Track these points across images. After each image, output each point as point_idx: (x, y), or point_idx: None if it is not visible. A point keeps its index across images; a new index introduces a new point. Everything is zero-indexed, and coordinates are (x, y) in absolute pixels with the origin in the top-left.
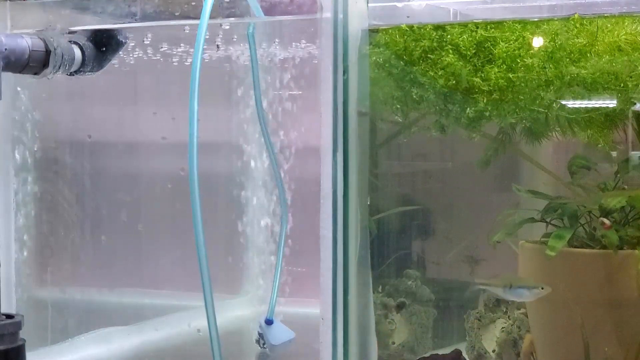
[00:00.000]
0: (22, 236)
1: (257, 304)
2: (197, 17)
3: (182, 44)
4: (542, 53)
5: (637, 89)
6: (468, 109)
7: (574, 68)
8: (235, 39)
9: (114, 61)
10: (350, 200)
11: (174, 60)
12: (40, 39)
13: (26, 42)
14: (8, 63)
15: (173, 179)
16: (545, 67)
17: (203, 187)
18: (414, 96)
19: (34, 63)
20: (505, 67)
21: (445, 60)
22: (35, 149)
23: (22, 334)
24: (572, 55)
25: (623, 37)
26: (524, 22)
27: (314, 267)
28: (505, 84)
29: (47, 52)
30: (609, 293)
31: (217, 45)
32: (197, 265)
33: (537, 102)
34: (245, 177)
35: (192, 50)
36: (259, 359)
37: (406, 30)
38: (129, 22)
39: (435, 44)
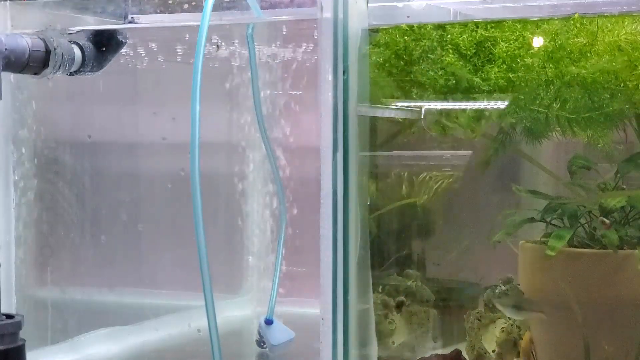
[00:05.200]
0: (22, 236)
1: (257, 304)
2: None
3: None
4: (542, 53)
5: (637, 88)
6: (468, 108)
7: (574, 68)
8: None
9: (117, 61)
10: (350, 200)
11: (174, 59)
12: (40, 39)
13: (26, 42)
14: (8, 63)
15: (173, 179)
16: (545, 67)
17: (203, 187)
18: (414, 96)
19: (34, 63)
20: (505, 67)
21: (446, 60)
22: (35, 149)
23: (22, 334)
24: (572, 55)
25: (623, 36)
26: (524, 22)
27: (314, 267)
28: (505, 84)
29: (47, 52)
30: (609, 293)
31: (217, 45)
32: (197, 265)
33: (537, 102)
34: (245, 177)
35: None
36: (259, 359)
37: (406, 30)
38: (129, 22)
39: (435, 44)
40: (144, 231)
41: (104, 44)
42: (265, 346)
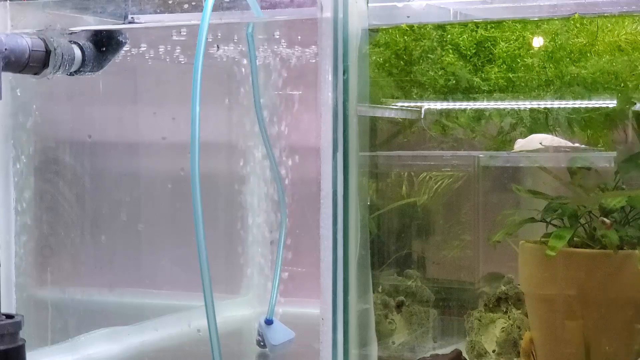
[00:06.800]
0: (22, 236)
1: (257, 304)
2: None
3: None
4: (542, 53)
5: (637, 88)
6: (468, 108)
7: (574, 68)
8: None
9: (117, 61)
10: (350, 200)
11: (174, 59)
12: (40, 39)
13: (26, 42)
14: (8, 63)
15: (173, 179)
16: (545, 67)
17: (203, 187)
18: (414, 96)
19: (34, 63)
20: (505, 67)
21: (446, 60)
22: (35, 149)
23: (22, 334)
24: (572, 55)
25: (623, 36)
26: (524, 22)
27: (314, 267)
28: (505, 84)
29: (47, 52)
30: (609, 293)
31: (217, 45)
32: (197, 265)
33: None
34: (245, 177)
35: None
36: (259, 359)
37: (406, 30)
38: (129, 22)
39: (435, 44)
40: (144, 231)
41: (104, 44)
42: (265, 346)
